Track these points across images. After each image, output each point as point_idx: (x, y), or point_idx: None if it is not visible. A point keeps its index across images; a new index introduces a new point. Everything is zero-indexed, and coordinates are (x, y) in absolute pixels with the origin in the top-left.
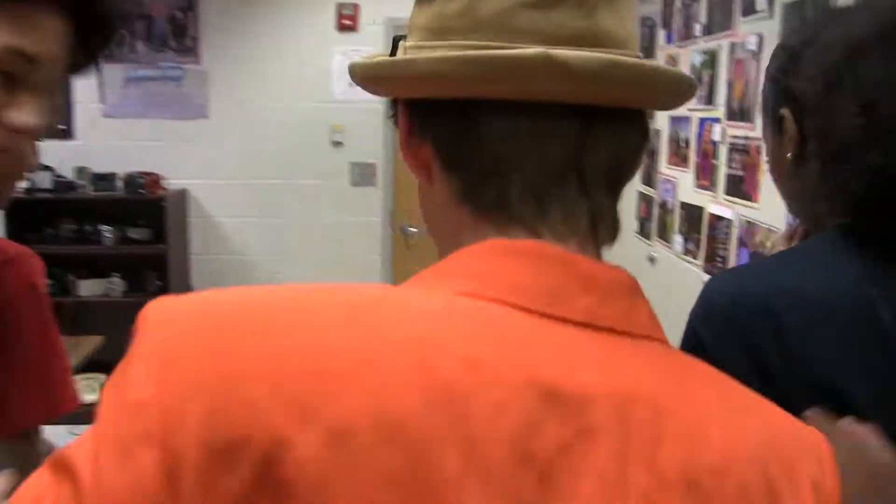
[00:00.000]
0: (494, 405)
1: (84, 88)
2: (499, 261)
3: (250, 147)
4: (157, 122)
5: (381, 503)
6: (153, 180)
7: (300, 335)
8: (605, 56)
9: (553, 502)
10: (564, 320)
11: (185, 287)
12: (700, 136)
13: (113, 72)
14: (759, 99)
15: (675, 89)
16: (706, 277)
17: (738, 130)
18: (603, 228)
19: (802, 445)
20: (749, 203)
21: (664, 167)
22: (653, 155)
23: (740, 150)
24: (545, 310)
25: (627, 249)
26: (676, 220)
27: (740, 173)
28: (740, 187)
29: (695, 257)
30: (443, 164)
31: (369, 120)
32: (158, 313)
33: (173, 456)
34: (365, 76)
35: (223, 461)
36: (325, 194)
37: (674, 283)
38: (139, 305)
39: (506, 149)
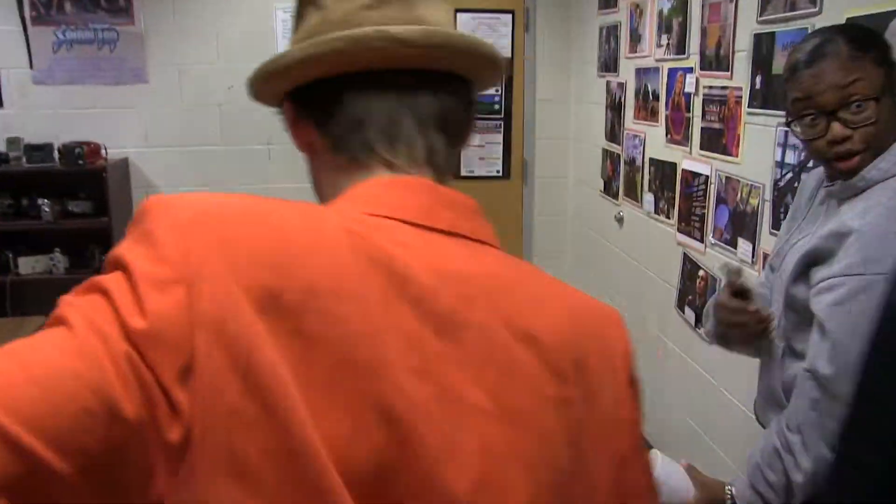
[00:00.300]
0: (406, 276)
1: (10, 53)
2: (384, 191)
3: (193, 112)
4: (92, 89)
5: (337, 336)
6: (92, 150)
7: (276, 220)
8: (421, 27)
9: (446, 345)
10: (435, 229)
11: None
12: (670, 88)
13: (41, 35)
14: (736, 46)
15: (488, 56)
16: (681, 237)
17: (714, 80)
18: (440, 161)
19: (609, 317)
20: (728, 158)
21: (630, 122)
22: (618, 110)
23: (716, 101)
24: (422, 222)
25: (593, 208)
26: (646, 177)
27: (717, 126)
28: (718, 141)
29: (667, 216)
30: (321, 133)
31: None
32: (165, 202)
33: (197, 293)
34: (257, 78)
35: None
36: (276, 160)
37: (643, 242)
38: (81, 282)
39: (362, 108)
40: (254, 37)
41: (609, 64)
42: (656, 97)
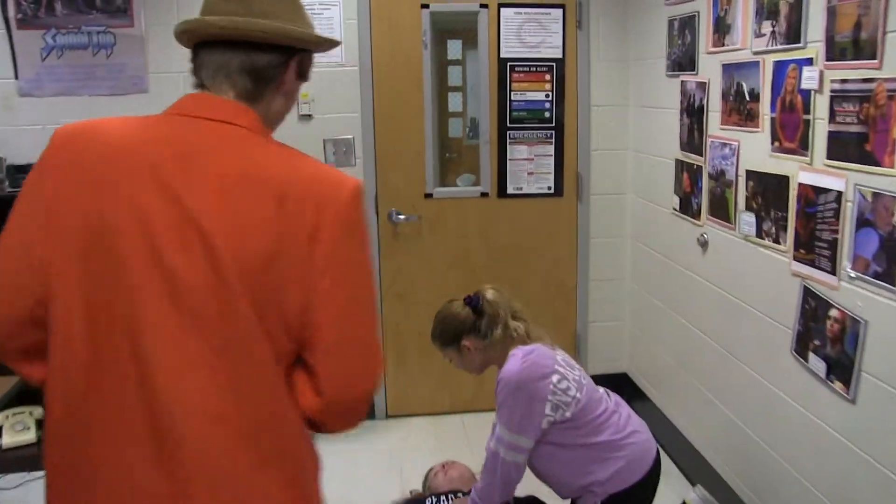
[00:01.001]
0: (164, 137)
1: None
2: (184, 100)
3: None
4: (85, 101)
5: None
6: None
7: (105, 121)
8: (229, 17)
9: (183, 169)
10: (197, 117)
11: None
12: (777, 85)
13: (28, 39)
14: (889, 25)
15: (270, 37)
16: (799, 267)
17: (851, 72)
18: (241, 90)
19: (331, 179)
20: (876, 169)
21: (717, 129)
22: (698, 114)
23: (854, 97)
24: (187, 113)
25: (663, 229)
26: (741, 193)
27: (856, 129)
28: (858, 149)
29: (776, 241)
30: (192, 71)
31: (343, 87)
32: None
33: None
34: (175, 35)
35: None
36: None
37: (739, 272)
38: None
39: (202, 59)
40: None
41: (683, 61)
42: (755, 97)
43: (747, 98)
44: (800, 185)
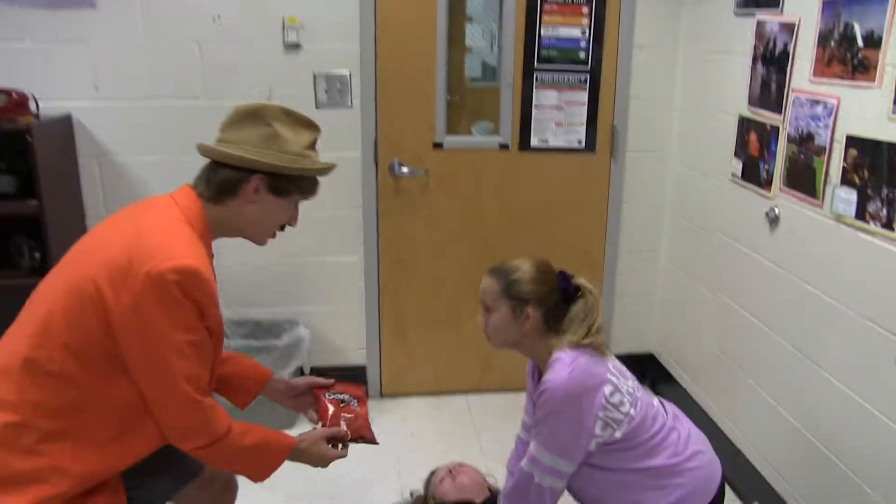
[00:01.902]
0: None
1: None
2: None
3: (163, 52)
4: (16, 13)
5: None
6: (15, 102)
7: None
8: (206, 145)
9: (90, 243)
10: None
11: None
12: None
13: None
14: None
15: (219, 159)
16: None
17: None
18: (205, 194)
19: (168, 252)
20: None
21: (807, 82)
22: (779, 62)
23: None
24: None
25: (718, 199)
26: (836, 163)
27: None
28: None
29: (888, 226)
30: None
31: (340, 12)
32: None
33: None
34: None
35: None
36: None
37: (826, 260)
38: (10, 289)
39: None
40: None
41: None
42: (873, 43)
43: (860, 44)
44: None
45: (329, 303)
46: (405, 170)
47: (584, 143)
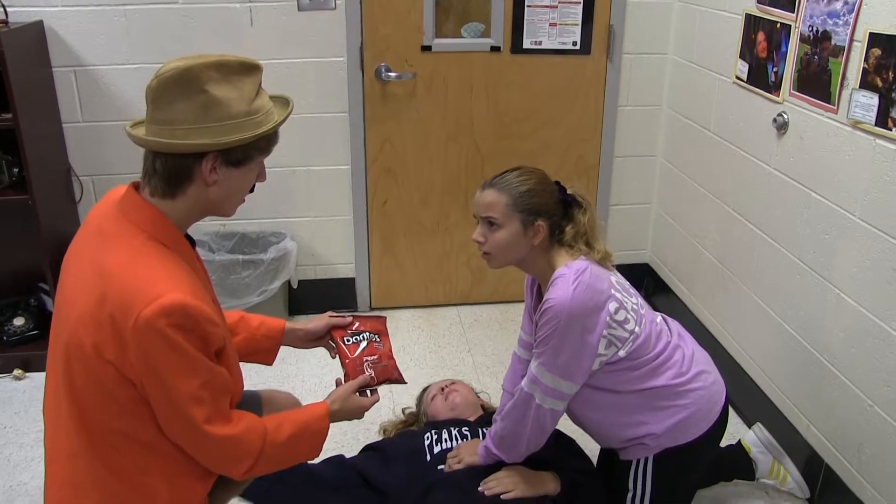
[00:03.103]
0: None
1: None
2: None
3: None
4: None
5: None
6: None
7: None
8: (140, 134)
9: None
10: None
11: (62, 175)
12: None
13: None
14: None
15: (153, 148)
16: None
17: None
18: (155, 186)
19: (144, 294)
20: None
21: None
22: None
23: None
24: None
25: (718, 102)
26: (856, 65)
27: None
28: None
29: None
30: None
31: None
32: None
33: None
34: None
35: None
36: (258, 24)
37: (841, 168)
38: None
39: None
40: None
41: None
42: None
43: None
44: None
45: (317, 213)
46: (392, 74)
47: (578, 45)
